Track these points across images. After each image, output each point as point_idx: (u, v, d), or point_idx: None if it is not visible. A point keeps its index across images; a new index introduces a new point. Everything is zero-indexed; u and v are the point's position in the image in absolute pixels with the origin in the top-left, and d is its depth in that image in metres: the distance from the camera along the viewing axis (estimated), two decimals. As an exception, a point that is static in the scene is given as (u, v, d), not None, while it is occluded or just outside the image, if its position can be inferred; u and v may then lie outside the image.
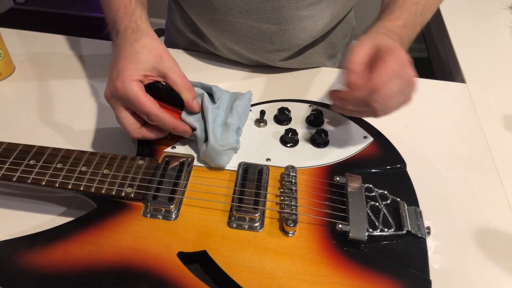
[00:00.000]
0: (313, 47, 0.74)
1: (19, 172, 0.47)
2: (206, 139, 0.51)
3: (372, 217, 0.47)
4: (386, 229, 0.46)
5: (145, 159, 0.50)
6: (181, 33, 0.78)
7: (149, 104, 0.48)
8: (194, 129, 0.52)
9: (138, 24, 0.52)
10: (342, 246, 0.45)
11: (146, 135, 0.51)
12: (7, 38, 0.71)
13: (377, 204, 0.48)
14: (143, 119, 0.50)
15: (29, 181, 0.47)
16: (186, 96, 0.51)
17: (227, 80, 0.72)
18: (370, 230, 0.46)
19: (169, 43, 0.83)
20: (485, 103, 0.72)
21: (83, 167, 0.49)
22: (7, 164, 0.48)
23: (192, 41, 0.76)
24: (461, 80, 0.79)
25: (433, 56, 1.02)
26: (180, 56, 0.77)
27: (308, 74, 0.75)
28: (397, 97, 0.47)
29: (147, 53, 0.50)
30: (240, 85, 0.71)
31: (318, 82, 0.74)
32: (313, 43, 0.73)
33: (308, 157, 0.54)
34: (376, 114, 0.49)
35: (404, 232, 0.46)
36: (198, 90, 0.54)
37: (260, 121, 0.57)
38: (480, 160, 0.62)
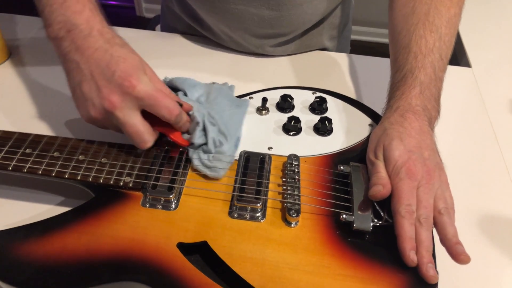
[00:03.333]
0: (314, 29, 0.72)
1: (14, 161, 0.46)
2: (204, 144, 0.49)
3: (377, 207, 0.46)
4: (391, 220, 0.45)
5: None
6: (179, 18, 0.76)
7: (172, 96, 0.46)
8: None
9: (110, 31, 0.48)
10: (346, 237, 0.44)
11: (157, 134, 0.48)
12: (2, 23, 0.69)
13: (382, 193, 0.47)
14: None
15: (25, 170, 0.46)
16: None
17: (226, 66, 0.70)
18: (375, 220, 0.44)
19: (166, 28, 0.81)
20: (491, 88, 0.71)
21: (80, 156, 0.47)
22: (3, 152, 0.47)
23: (190, 26, 0.74)
24: (466, 64, 0.77)
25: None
26: (177, 40, 0.75)
27: (310, 59, 0.73)
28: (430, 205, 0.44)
29: (135, 55, 0.47)
30: (240, 72, 0.69)
31: (322, 67, 0.72)
32: (314, 25, 0.71)
33: (311, 145, 0.52)
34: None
35: (409, 222, 0.44)
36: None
37: (262, 108, 0.56)
38: (485, 146, 0.60)
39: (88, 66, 0.45)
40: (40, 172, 0.46)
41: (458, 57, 0.83)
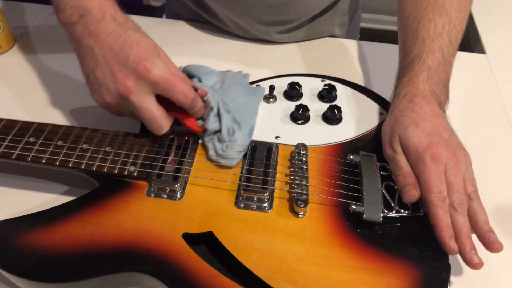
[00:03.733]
0: (322, 15, 0.70)
1: (18, 150, 0.46)
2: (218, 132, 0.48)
3: (388, 198, 0.44)
4: (402, 210, 0.43)
5: (149, 136, 0.48)
6: (184, 4, 0.74)
7: (186, 81, 0.45)
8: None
9: (123, 15, 0.47)
10: (356, 228, 0.43)
11: (172, 120, 0.47)
12: (7, 10, 0.68)
13: (392, 183, 0.45)
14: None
15: (29, 158, 0.45)
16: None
17: (233, 53, 0.69)
18: (385, 211, 0.43)
19: (171, 15, 0.80)
20: (506, 75, 0.68)
21: (84, 145, 0.47)
22: (6, 141, 0.46)
23: (195, 12, 0.73)
24: (481, 50, 0.74)
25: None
26: (183, 27, 0.73)
27: (319, 46, 0.71)
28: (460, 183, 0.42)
29: (149, 39, 0.46)
30: (247, 59, 0.68)
31: (331, 54, 0.70)
32: (322, 12, 0.69)
33: (319, 134, 0.51)
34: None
35: (421, 213, 0.43)
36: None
37: (269, 97, 0.54)
38: (500, 135, 0.59)
39: (101, 51, 0.44)
40: (44, 161, 0.45)
41: (472, 43, 0.80)
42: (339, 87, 0.56)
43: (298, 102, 0.54)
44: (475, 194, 0.42)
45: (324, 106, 0.53)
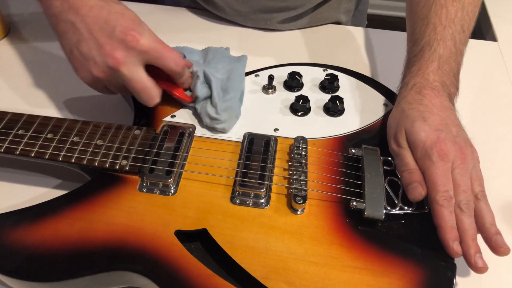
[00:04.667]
0: (327, 2, 0.67)
1: (7, 143, 0.44)
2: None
3: (391, 194, 0.42)
4: (406, 207, 0.41)
5: (142, 129, 0.46)
6: None
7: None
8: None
9: None
10: (357, 225, 0.41)
11: (161, 93, 0.46)
12: (0, -2, 0.66)
13: (396, 179, 0.43)
14: None
15: (17, 152, 0.43)
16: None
17: (232, 41, 0.66)
18: (388, 208, 0.41)
19: (171, 1, 0.77)
20: (519, 65, 0.65)
21: (75, 138, 0.45)
22: (-5, 133, 0.45)
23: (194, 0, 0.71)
24: (492, 38, 0.71)
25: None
26: (181, 14, 0.71)
27: (323, 33, 0.69)
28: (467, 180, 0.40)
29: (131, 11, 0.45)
30: (247, 47, 0.65)
31: (335, 42, 0.67)
32: None
33: (320, 127, 0.49)
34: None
35: (426, 211, 0.41)
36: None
37: (268, 87, 0.52)
38: (511, 128, 0.56)
39: (85, 25, 0.42)
40: (32, 155, 0.43)
41: (483, 30, 0.77)
42: (341, 77, 0.54)
43: (298, 93, 0.52)
44: (482, 194, 0.40)
45: (326, 97, 0.51)
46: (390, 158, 0.45)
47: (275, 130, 0.48)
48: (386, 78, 0.56)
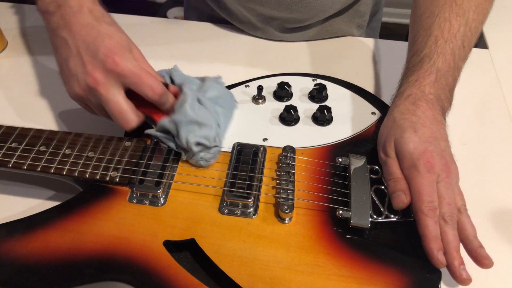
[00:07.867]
0: (337, 16, 0.67)
1: (0, 156, 0.45)
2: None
3: (377, 202, 0.43)
4: (392, 216, 0.42)
5: (133, 140, 0.47)
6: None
7: (156, 76, 0.45)
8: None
9: (101, 9, 0.47)
10: (343, 234, 0.41)
11: (142, 116, 0.46)
12: (-2, 12, 0.67)
13: (383, 187, 0.44)
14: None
15: (10, 165, 0.44)
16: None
17: (235, 51, 0.67)
18: (374, 216, 0.42)
19: (188, 7, 0.78)
20: (508, 71, 0.66)
21: (66, 150, 0.46)
22: (-11, 147, 0.46)
23: (210, 7, 0.72)
24: (483, 45, 0.72)
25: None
26: (183, 27, 0.72)
27: (328, 44, 0.69)
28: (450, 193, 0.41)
29: (123, 34, 0.46)
30: (250, 57, 0.66)
31: (339, 53, 0.68)
32: (337, 13, 0.66)
33: (309, 136, 0.49)
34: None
35: (411, 219, 0.41)
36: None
37: (258, 97, 0.53)
38: (501, 135, 0.56)
39: (74, 42, 0.44)
40: (25, 167, 0.44)
41: (475, 37, 0.77)
42: (330, 86, 0.54)
43: (288, 103, 0.53)
44: (465, 208, 0.41)
45: (315, 107, 0.52)
46: (377, 167, 0.45)
47: (264, 140, 0.49)
48: (384, 88, 0.56)
